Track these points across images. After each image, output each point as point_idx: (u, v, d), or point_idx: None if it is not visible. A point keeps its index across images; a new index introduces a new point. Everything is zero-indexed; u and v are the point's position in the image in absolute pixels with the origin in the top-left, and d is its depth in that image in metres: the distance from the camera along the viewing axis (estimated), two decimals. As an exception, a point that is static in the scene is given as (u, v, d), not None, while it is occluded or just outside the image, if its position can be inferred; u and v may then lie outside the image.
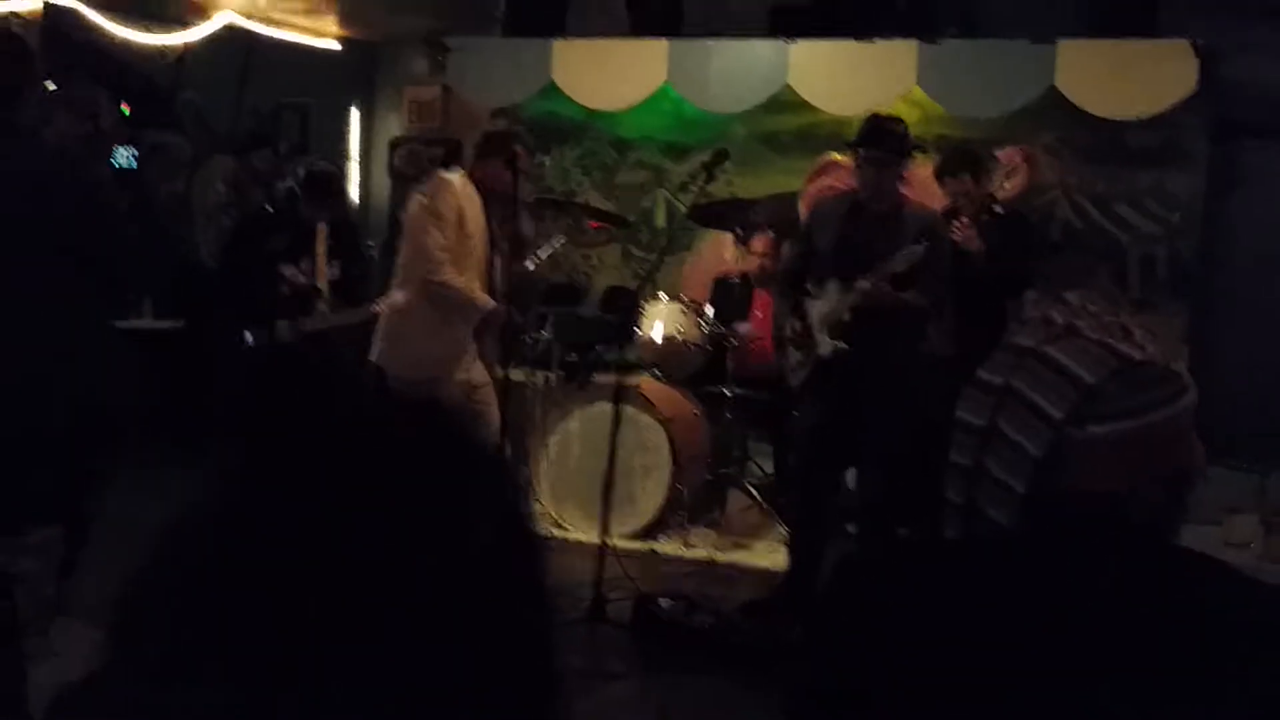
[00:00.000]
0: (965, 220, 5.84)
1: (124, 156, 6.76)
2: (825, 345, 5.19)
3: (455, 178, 5.37)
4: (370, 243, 8.62)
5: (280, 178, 7.71)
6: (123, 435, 4.46)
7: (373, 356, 5.46)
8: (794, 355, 5.40)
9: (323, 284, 5.80)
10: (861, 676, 1.34)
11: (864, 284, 5.00)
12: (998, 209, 5.89)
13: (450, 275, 5.21)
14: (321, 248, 5.82)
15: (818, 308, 5.25)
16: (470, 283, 5.30)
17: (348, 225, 6.20)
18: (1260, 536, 3.70)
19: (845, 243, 5.17)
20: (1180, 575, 1.35)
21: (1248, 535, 3.75)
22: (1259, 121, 7.11)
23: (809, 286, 5.37)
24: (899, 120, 5.33)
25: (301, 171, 6.13)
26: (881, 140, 5.11)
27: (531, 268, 5.84)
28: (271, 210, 6.56)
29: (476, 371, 5.41)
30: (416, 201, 5.33)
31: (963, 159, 6.14)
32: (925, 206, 5.46)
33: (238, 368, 5.83)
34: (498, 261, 5.44)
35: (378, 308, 5.70)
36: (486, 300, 5.31)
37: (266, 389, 5.68)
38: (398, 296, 5.40)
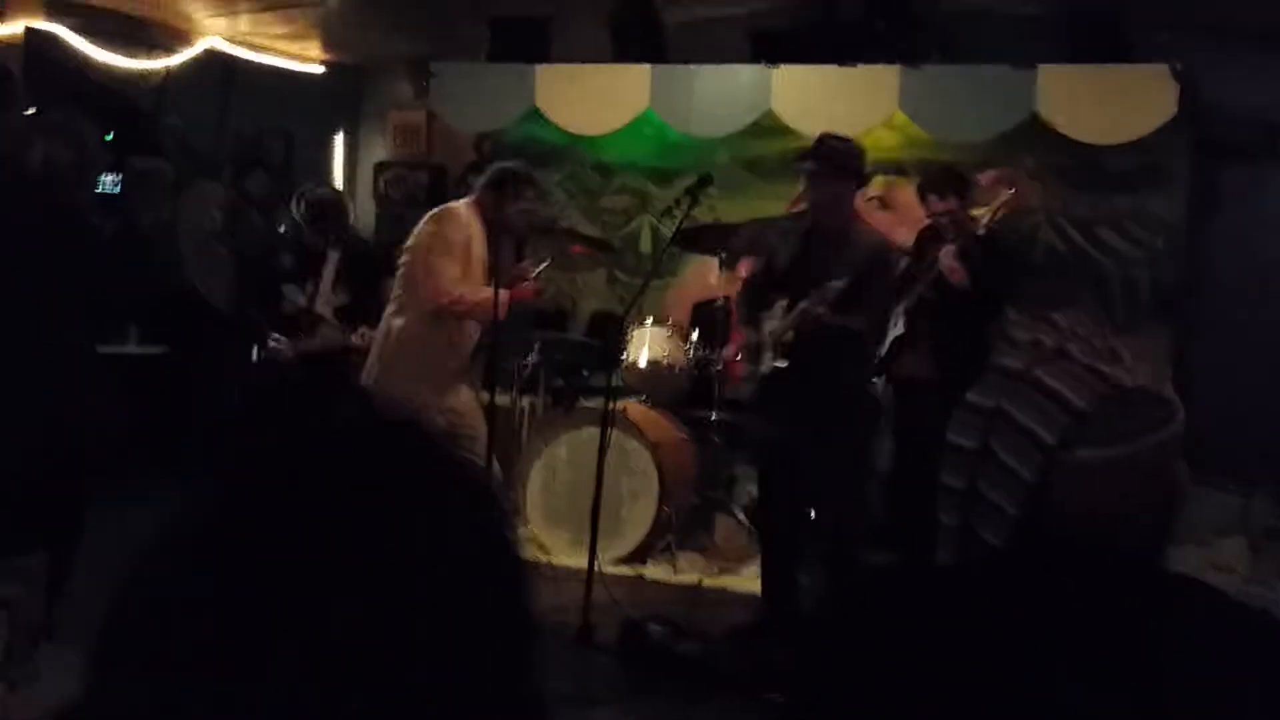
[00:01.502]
0: (950, 250, 5.86)
1: (108, 182, 6.76)
2: (767, 362, 5.22)
3: (460, 208, 5.39)
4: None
5: (275, 201, 7.75)
6: (107, 461, 4.44)
7: (364, 379, 5.45)
8: (747, 368, 5.45)
9: (324, 309, 5.81)
10: (852, 700, 1.34)
11: (803, 304, 5.04)
12: (979, 231, 5.90)
13: (461, 290, 5.21)
14: (329, 274, 5.84)
15: (768, 324, 5.29)
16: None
17: (362, 253, 6.24)
18: (1246, 559, 3.71)
19: (796, 261, 5.24)
20: (1168, 599, 1.36)
21: (1234, 558, 3.76)
22: (1239, 144, 7.17)
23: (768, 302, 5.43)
24: (847, 140, 5.33)
25: (304, 199, 6.15)
26: (819, 154, 5.15)
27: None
28: (281, 233, 6.60)
29: (465, 398, 5.40)
30: (423, 230, 5.34)
31: (946, 178, 6.17)
32: (875, 232, 5.46)
33: (229, 390, 5.85)
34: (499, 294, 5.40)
35: (359, 338, 5.72)
36: (500, 294, 5.23)
37: (258, 410, 5.69)
38: (394, 322, 5.38)
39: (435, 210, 5.47)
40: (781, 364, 5.16)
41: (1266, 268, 7.18)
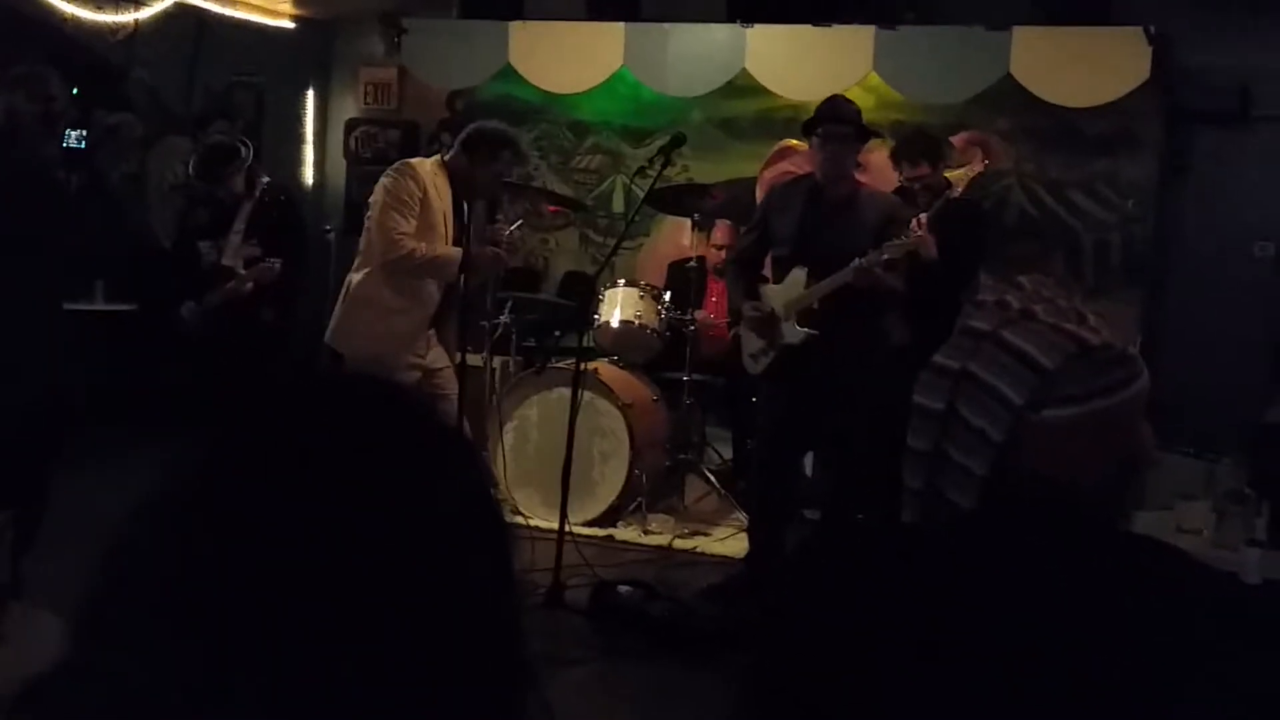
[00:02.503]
0: (922, 221, 5.85)
1: (74, 137, 6.67)
2: (793, 333, 5.17)
3: (424, 164, 5.29)
4: (328, 226, 8.56)
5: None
6: (73, 418, 4.41)
7: (327, 338, 5.40)
8: (754, 342, 5.35)
9: (233, 261, 5.74)
10: (818, 660, 1.34)
11: (860, 262, 4.94)
12: (951, 194, 5.90)
13: (413, 244, 5.12)
14: (239, 225, 5.77)
15: (778, 294, 5.23)
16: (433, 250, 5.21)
17: (277, 204, 6.08)
18: (1211, 523, 3.75)
19: (809, 229, 5.16)
20: (1133, 560, 1.36)
21: (1199, 521, 3.80)
22: (1211, 108, 7.19)
23: (767, 273, 5.36)
24: (850, 101, 5.35)
25: (200, 146, 6.06)
26: (841, 117, 5.12)
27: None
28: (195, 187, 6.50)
29: (435, 356, 5.34)
30: (380, 184, 5.26)
31: (920, 145, 6.16)
32: (881, 192, 5.47)
33: (176, 346, 5.81)
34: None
35: (238, 283, 5.69)
36: (454, 252, 5.20)
37: (209, 369, 5.66)
38: (354, 277, 5.33)
39: (395, 164, 5.39)
40: (811, 331, 5.10)
41: (1237, 231, 7.22)
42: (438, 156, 5.39)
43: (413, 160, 5.34)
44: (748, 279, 5.39)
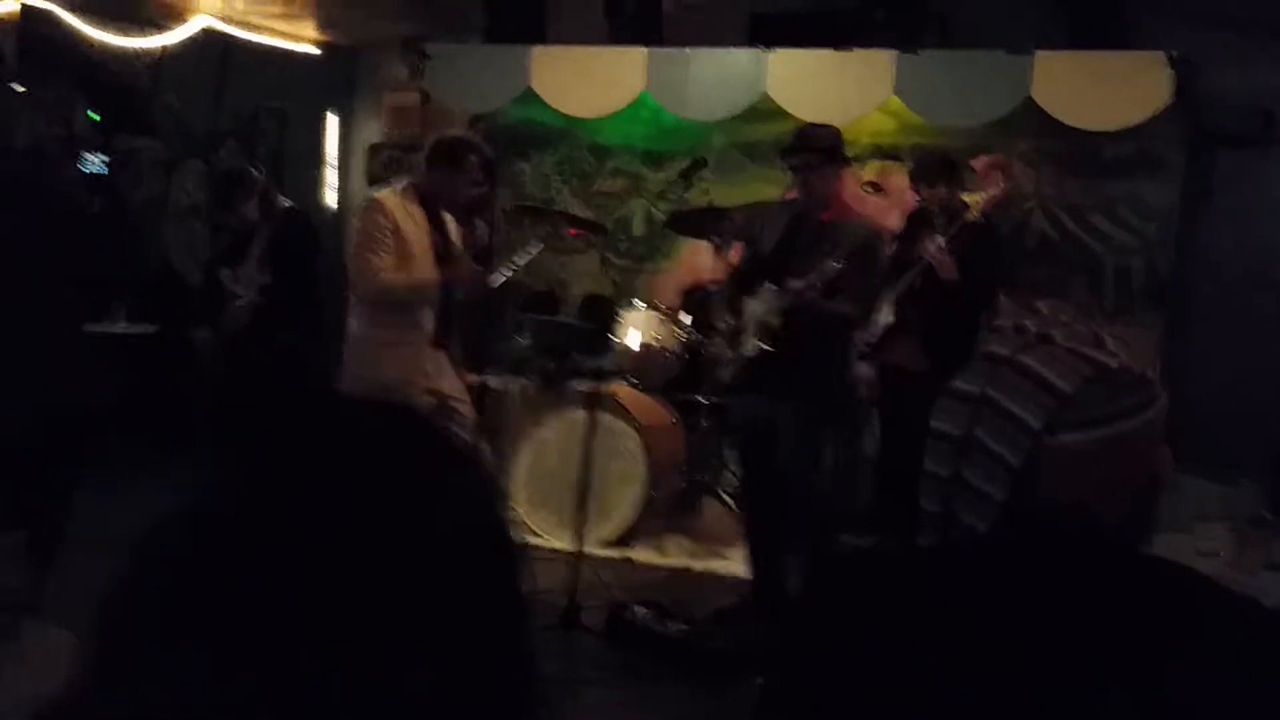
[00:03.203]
0: (941, 243, 5.85)
1: (95, 163, 6.71)
2: (750, 345, 5.22)
3: (389, 196, 5.18)
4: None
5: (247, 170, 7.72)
6: (92, 440, 4.43)
7: (341, 384, 5.38)
8: (724, 352, 5.44)
9: (246, 290, 5.75)
10: (835, 683, 1.34)
11: (795, 284, 5.05)
12: (969, 218, 5.90)
13: (387, 278, 5.05)
14: (255, 251, 5.78)
15: (752, 308, 5.29)
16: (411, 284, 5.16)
17: (293, 232, 6.06)
18: (1230, 545, 3.72)
19: (782, 248, 5.24)
20: (1153, 583, 1.36)
21: (1217, 544, 3.77)
22: (1233, 132, 7.16)
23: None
24: (827, 127, 5.38)
25: (214, 171, 6.08)
26: (801, 147, 5.19)
27: (506, 276, 5.67)
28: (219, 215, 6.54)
29: (447, 382, 5.31)
30: (353, 227, 5.20)
31: (938, 166, 6.16)
32: (864, 219, 5.49)
33: (195, 371, 5.82)
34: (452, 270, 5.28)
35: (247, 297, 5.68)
36: (429, 275, 5.13)
37: (225, 393, 5.67)
38: (350, 324, 5.28)
39: (360, 202, 5.35)
40: (765, 346, 5.17)
41: (1259, 256, 7.18)
42: (400, 183, 5.31)
43: (378, 194, 5.23)
44: (735, 291, 5.44)
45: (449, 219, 5.33)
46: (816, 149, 5.15)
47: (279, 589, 0.72)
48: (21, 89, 4.60)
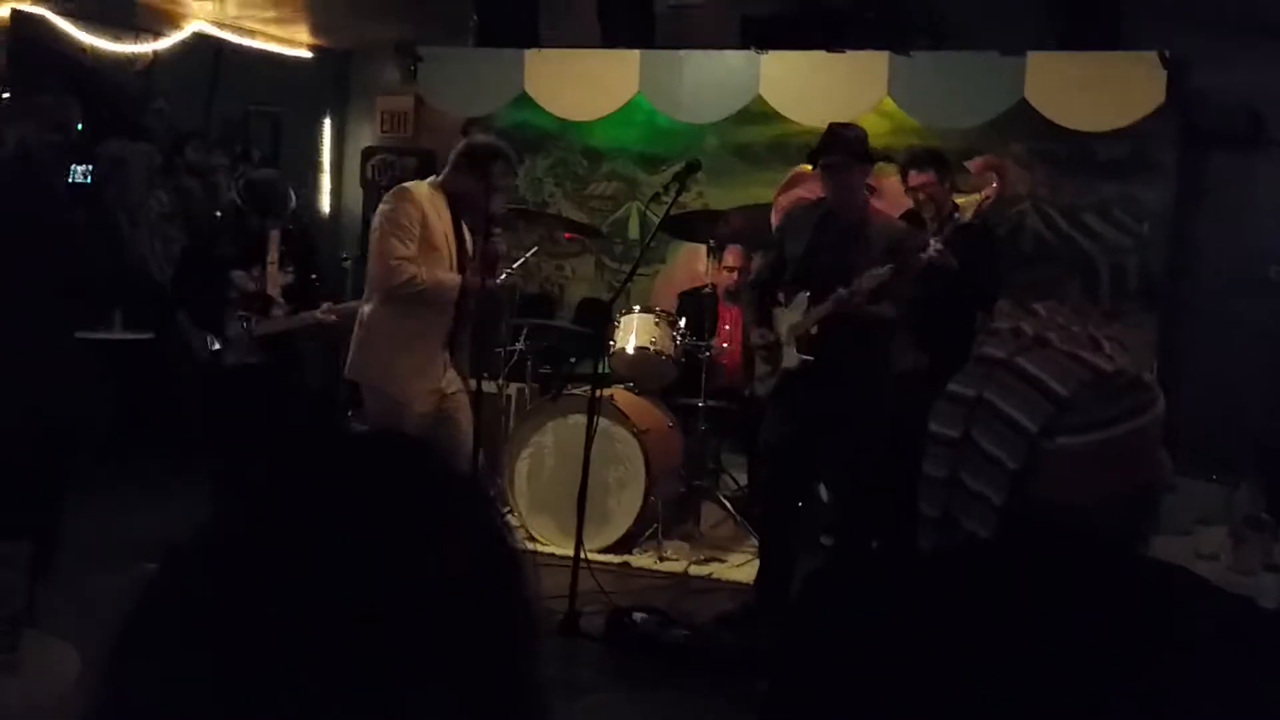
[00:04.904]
0: (936, 244, 5.84)
1: (79, 172, 6.68)
2: (791, 358, 5.19)
3: (420, 187, 5.22)
4: (345, 254, 8.59)
5: (213, 169, 7.72)
6: (89, 446, 4.42)
7: (346, 372, 5.38)
8: (761, 366, 5.41)
9: (274, 290, 5.75)
10: (834, 687, 1.34)
11: (842, 292, 4.99)
12: (960, 219, 5.88)
13: (412, 270, 5.03)
14: (274, 254, 5.77)
15: (786, 318, 5.26)
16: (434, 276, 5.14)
17: (301, 232, 6.14)
18: (1229, 548, 3.72)
19: (814, 254, 5.17)
20: (1151, 586, 1.36)
21: (1217, 546, 3.77)
22: (1227, 131, 7.18)
23: (781, 297, 5.37)
24: (855, 127, 5.34)
25: (242, 180, 6.08)
26: (836, 146, 5.12)
27: (502, 279, 5.65)
28: (220, 217, 6.54)
29: (449, 380, 5.30)
30: (379, 211, 5.22)
31: (924, 154, 6.15)
32: (894, 220, 5.48)
33: (197, 377, 5.80)
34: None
35: (324, 314, 5.68)
36: (454, 279, 5.13)
37: (232, 399, 5.65)
38: (364, 309, 5.28)
39: (392, 189, 5.35)
40: (808, 357, 5.12)
41: (1253, 256, 7.19)
42: (434, 178, 5.33)
43: (409, 184, 5.27)
44: (761, 303, 5.41)
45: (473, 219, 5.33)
46: (847, 149, 5.12)
47: (284, 612, 0.72)
48: (5, 95, 4.59)
